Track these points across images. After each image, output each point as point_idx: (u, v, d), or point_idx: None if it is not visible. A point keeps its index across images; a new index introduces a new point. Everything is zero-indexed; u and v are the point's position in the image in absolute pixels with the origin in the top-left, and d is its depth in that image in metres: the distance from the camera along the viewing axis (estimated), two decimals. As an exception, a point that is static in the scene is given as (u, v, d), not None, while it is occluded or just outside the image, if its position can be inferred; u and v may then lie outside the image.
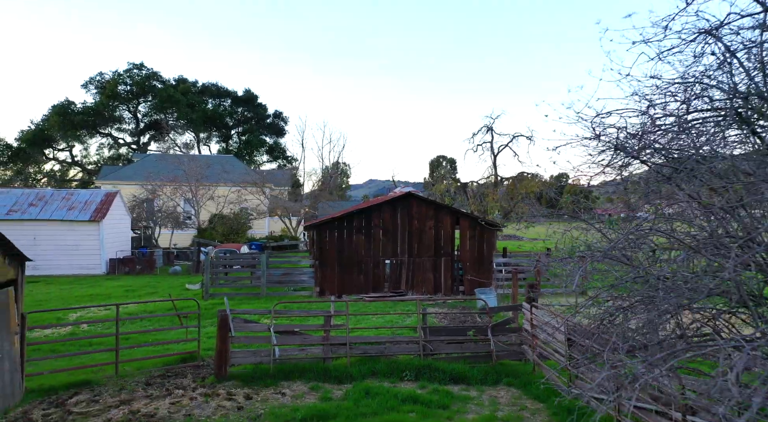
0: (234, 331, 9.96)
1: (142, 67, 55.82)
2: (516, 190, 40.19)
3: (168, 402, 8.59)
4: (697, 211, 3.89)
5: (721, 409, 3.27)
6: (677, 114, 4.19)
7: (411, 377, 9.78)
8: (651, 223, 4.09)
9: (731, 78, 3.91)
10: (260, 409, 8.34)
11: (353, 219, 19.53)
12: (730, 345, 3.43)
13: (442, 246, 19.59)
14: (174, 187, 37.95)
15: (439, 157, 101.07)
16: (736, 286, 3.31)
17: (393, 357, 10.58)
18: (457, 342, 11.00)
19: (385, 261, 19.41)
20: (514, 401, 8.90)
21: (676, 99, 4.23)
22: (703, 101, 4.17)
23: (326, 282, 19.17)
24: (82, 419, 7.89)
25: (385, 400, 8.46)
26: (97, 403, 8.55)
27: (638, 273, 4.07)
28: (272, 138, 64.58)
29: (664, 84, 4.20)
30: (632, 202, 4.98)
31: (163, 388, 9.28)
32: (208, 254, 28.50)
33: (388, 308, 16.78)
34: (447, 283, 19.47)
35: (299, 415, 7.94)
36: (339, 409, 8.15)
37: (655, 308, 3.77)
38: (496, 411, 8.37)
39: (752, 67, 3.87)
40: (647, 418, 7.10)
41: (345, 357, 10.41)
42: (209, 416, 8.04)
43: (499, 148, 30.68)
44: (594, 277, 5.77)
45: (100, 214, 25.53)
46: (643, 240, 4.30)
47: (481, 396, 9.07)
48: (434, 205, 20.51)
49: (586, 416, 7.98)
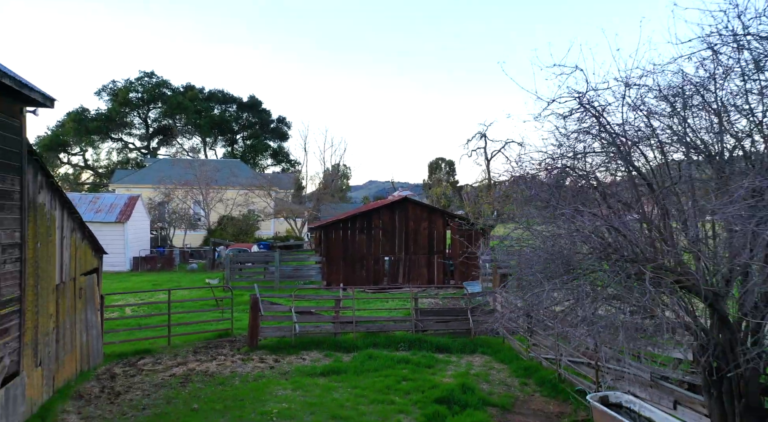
0: (263, 311, 12.42)
1: (152, 75, 58.50)
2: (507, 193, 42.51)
3: (215, 363, 11.05)
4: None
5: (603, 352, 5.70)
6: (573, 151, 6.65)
7: (405, 347, 12.22)
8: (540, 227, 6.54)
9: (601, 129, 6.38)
10: (287, 368, 10.79)
11: (356, 220, 21.99)
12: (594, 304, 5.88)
13: (435, 245, 22.06)
14: (185, 190, 40.39)
15: (438, 159, 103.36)
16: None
17: (390, 332, 13.02)
18: (443, 321, 13.46)
19: (385, 258, 21.87)
20: (485, 364, 11.36)
21: (573, 139, 6.70)
22: (586, 144, 6.64)
23: (332, 276, 21.63)
24: (152, 374, 10.34)
25: (383, 361, 10.91)
26: (160, 364, 11.01)
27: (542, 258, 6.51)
28: (276, 142, 67.13)
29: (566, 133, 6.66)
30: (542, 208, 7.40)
31: (208, 354, 11.73)
32: (220, 253, 31.02)
33: (387, 297, 19.24)
34: (439, 277, 21.95)
35: (318, 371, 10.41)
36: (348, 367, 10.62)
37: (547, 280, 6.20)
38: (470, 370, 10.82)
39: (613, 122, 6.33)
40: (577, 369, 9.58)
41: (351, 333, 12.87)
42: (249, 372, 10.49)
43: (493, 153, 33.02)
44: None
45: (125, 216, 27.96)
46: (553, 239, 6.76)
47: (459, 361, 11.52)
48: (428, 208, 22.99)
49: (537, 372, 10.47)
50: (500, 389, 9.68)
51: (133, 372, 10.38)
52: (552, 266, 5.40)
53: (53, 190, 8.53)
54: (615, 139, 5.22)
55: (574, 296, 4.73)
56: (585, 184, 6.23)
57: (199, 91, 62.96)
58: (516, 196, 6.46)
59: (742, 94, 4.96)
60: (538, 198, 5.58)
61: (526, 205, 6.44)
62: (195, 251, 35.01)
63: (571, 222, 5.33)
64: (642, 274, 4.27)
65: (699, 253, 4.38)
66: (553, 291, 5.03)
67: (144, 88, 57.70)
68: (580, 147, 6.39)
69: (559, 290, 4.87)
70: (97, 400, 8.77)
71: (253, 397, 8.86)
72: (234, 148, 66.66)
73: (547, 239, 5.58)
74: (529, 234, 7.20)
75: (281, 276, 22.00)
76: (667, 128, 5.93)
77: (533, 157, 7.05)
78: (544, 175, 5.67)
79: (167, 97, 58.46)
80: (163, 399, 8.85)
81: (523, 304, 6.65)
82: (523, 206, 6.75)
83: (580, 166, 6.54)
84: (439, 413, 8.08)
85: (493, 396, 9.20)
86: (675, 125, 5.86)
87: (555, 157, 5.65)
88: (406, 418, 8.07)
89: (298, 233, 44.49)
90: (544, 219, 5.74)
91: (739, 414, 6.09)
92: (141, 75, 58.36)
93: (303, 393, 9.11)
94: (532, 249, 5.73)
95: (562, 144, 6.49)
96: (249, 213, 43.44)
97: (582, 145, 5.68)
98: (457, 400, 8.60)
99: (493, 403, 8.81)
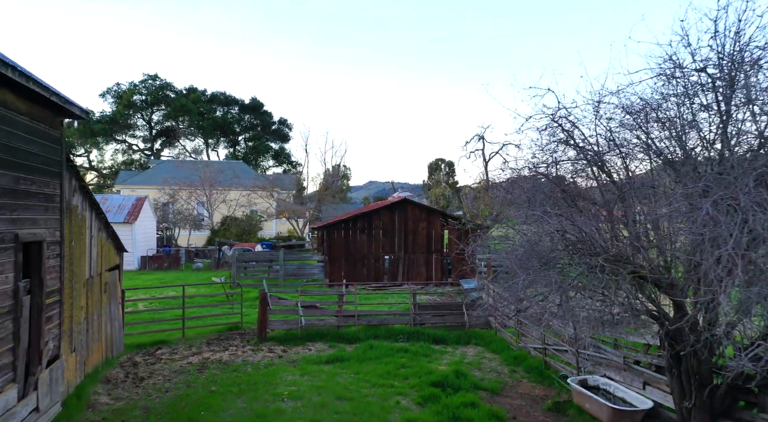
0: (271, 305, 13.30)
1: (156, 78, 59.43)
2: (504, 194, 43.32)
3: (227, 353, 11.92)
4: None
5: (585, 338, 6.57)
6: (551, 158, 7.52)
7: (404, 339, 13.08)
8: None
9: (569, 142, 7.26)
10: (295, 357, 11.66)
11: (357, 220, 22.87)
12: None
13: (433, 244, 22.94)
14: (190, 191, 41.30)
15: (437, 160, 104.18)
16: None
17: (390, 325, 13.90)
18: (440, 315, 14.34)
19: (385, 257, 22.75)
20: (478, 353, 12.23)
21: (549, 150, 7.57)
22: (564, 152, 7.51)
23: (334, 274, 22.51)
24: (170, 362, 11.21)
25: (384, 351, 11.78)
26: (176, 354, 11.88)
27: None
28: (277, 144, 68.01)
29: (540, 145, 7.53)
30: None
31: (220, 345, 12.61)
32: (224, 252, 31.89)
33: (387, 294, 20.13)
34: (437, 275, 22.83)
35: (323, 359, 11.28)
36: (351, 356, 11.49)
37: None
38: (463, 359, 11.69)
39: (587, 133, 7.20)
40: (561, 356, 10.45)
41: (354, 326, 13.74)
42: (260, 360, 11.36)
43: (491, 155, 33.88)
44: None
45: (133, 217, 28.85)
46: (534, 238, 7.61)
47: (454, 351, 12.39)
48: (426, 209, 23.87)
49: (525, 360, 11.34)
50: (491, 375, 10.55)
51: (153, 361, 11.25)
52: (529, 260, 6.28)
53: (84, 193, 9.40)
54: (583, 151, 6.09)
55: (544, 285, 5.59)
56: (556, 188, 7.13)
57: (202, 93, 63.88)
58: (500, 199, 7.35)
59: (688, 112, 5.83)
60: (516, 201, 6.44)
61: (507, 207, 7.31)
62: (200, 251, 35.87)
63: (540, 222, 6.22)
64: (600, 265, 5.14)
65: (640, 247, 5.24)
66: (529, 281, 5.89)
67: (148, 91, 58.63)
68: (557, 155, 7.28)
69: (533, 280, 5.73)
70: (123, 384, 9.65)
71: (265, 381, 9.73)
72: (236, 150, 67.57)
73: (524, 237, 6.45)
74: (512, 232, 8.08)
75: (285, 275, 22.87)
76: (633, 139, 6.82)
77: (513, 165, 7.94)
78: (522, 180, 6.54)
79: (171, 99, 59.39)
80: (183, 383, 9.73)
81: (502, 291, 7.52)
82: (505, 208, 7.63)
83: (554, 172, 7.43)
84: (434, 395, 8.95)
85: (484, 381, 10.07)
86: (640, 137, 6.75)
87: (531, 166, 6.52)
88: (404, 399, 8.93)
89: (300, 233, 45.35)
90: (522, 220, 6.61)
91: (695, 390, 6.97)
92: (145, 78, 59.40)
93: (310, 378, 9.98)
94: (512, 245, 6.60)
95: (536, 155, 7.38)
96: (252, 214, 44.31)
97: (555, 155, 6.54)
98: (450, 384, 9.48)
99: (483, 387, 9.67)
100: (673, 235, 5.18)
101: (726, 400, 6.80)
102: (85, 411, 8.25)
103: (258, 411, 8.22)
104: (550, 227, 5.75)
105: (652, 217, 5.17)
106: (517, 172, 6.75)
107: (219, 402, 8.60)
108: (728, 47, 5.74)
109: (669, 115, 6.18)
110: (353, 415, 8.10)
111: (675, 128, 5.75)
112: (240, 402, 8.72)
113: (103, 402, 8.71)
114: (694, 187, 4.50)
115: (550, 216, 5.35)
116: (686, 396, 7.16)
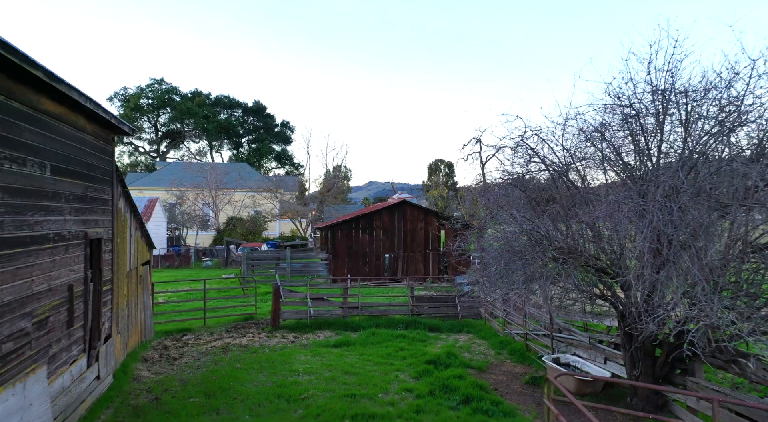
0: (284, 297, 14.79)
1: (162, 82, 60.98)
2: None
3: (246, 339, 13.41)
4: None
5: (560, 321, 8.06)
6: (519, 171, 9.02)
7: (402, 327, 14.57)
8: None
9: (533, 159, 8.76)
10: (305, 342, 13.15)
11: (359, 221, 24.36)
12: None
13: (430, 243, 24.43)
14: (196, 193, 42.82)
15: (437, 161, 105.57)
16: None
17: (390, 316, 15.38)
18: (435, 306, 15.83)
19: (385, 254, 24.24)
20: (468, 340, 13.71)
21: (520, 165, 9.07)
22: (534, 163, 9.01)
23: (338, 271, 24.00)
24: (196, 346, 12.70)
25: (384, 337, 13.27)
26: (200, 339, 13.37)
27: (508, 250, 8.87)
28: (280, 146, 69.58)
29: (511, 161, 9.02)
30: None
31: (238, 333, 14.09)
32: (230, 251, 33.36)
33: (388, 290, 21.62)
34: (434, 271, 24.32)
35: (331, 343, 12.77)
36: (356, 341, 12.97)
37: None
38: (455, 344, 13.17)
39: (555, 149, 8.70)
40: (541, 340, 11.94)
41: (357, 316, 15.23)
42: (275, 344, 12.85)
43: (487, 158, 35.37)
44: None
45: (146, 217, 30.32)
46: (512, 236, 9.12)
47: (448, 338, 13.88)
48: (424, 210, 25.37)
49: (510, 344, 12.82)
50: (478, 357, 12.04)
51: (181, 345, 12.75)
52: (503, 254, 7.79)
53: (126, 197, 10.89)
54: (545, 164, 7.59)
55: (512, 272, 7.08)
56: (523, 195, 8.63)
57: (206, 96, 65.43)
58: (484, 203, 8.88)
59: (627, 135, 7.32)
60: (488, 205, 7.94)
61: (487, 210, 8.82)
62: (207, 250, 37.39)
63: (511, 223, 7.72)
64: (553, 257, 6.63)
65: (585, 241, 6.73)
66: (501, 270, 7.39)
67: (154, 94, 60.22)
68: (529, 167, 8.78)
69: (504, 269, 7.23)
70: (159, 363, 11.14)
71: (281, 360, 11.22)
72: (239, 152, 69.11)
73: (501, 234, 7.95)
74: (493, 231, 9.57)
75: (292, 272, 24.36)
76: (590, 154, 8.33)
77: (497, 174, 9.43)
78: (497, 189, 8.04)
79: (176, 103, 60.97)
80: (211, 362, 11.21)
81: (481, 278, 9.02)
82: (490, 210, 9.15)
83: (528, 179, 8.93)
84: (427, 370, 10.43)
85: (472, 361, 11.55)
86: (595, 153, 8.25)
87: (503, 177, 8.03)
88: (402, 374, 10.41)
89: (303, 233, 46.84)
90: (502, 220, 8.12)
91: (641, 361, 8.48)
92: (151, 82, 60.99)
93: (320, 359, 11.47)
94: (488, 242, 8.11)
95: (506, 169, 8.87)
96: (256, 215, 45.83)
97: (527, 167, 8.05)
98: (442, 363, 10.96)
99: (471, 366, 11.15)
100: (602, 233, 6.67)
101: (665, 368, 8.31)
102: (131, 382, 9.74)
103: (278, 383, 9.70)
104: (517, 227, 7.24)
105: (591, 218, 6.65)
106: (493, 181, 8.21)
107: (244, 376, 10.08)
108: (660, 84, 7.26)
109: (614, 135, 7.69)
110: (359, 386, 9.58)
111: (615, 148, 7.24)
112: (261, 376, 10.20)
113: (145, 376, 10.20)
114: (620, 196, 5.98)
115: (515, 219, 6.83)
116: (635, 367, 8.69)
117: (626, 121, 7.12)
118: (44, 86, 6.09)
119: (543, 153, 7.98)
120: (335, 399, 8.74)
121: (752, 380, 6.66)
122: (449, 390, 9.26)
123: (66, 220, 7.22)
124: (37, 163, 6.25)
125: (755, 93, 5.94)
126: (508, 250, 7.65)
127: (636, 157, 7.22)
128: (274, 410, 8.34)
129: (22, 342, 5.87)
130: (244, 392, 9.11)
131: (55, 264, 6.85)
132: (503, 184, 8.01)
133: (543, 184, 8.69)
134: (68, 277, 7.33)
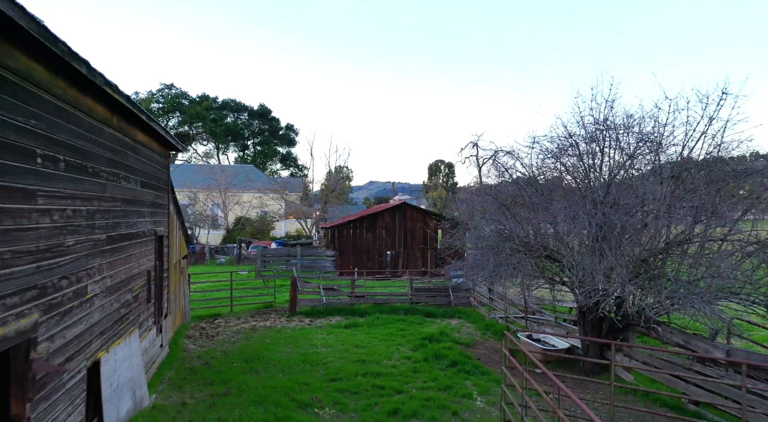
0: (300, 287, 17.05)
1: (171, 87, 63.35)
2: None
3: (269, 322, 15.68)
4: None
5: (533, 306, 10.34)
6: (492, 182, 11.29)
7: (403, 313, 16.84)
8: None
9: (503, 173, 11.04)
10: (320, 324, 15.43)
11: (363, 221, 26.64)
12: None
13: (428, 241, 26.70)
14: (207, 194, 45.11)
15: (437, 161, 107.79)
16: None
17: (392, 304, 17.65)
18: (431, 296, 18.10)
19: (387, 252, 26.50)
20: (459, 323, 15.98)
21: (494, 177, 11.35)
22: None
23: (344, 266, 26.27)
24: (228, 327, 14.97)
25: (387, 320, 15.55)
26: (230, 322, 15.65)
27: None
28: (284, 148, 71.90)
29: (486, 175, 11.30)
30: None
31: (261, 317, 16.37)
32: (240, 249, 35.59)
33: (390, 282, 23.92)
34: (431, 266, 26.59)
35: (342, 325, 15.06)
36: (363, 323, 15.26)
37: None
38: (448, 326, 15.44)
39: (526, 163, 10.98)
40: (519, 321, 14.21)
41: (364, 304, 17.50)
42: (295, 325, 15.12)
43: (483, 161, 37.71)
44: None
45: (164, 217, 32.54)
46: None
47: (441, 321, 16.15)
48: (423, 211, 27.65)
49: (493, 326, 15.10)
50: (466, 336, 14.30)
51: (214, 326, 15.03)
52: (480, 248, 10.06)
53: (174, 200, 13.16)
54: (512, 177, 9.86)
55: (485, 261, 9.35)
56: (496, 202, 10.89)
57: (214, 100, 67.74)
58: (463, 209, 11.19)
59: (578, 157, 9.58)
60: (468, 210, 10.21)
61: (469, 213, 11.11)
62: (220, 248, 39.63)
63: (488, 223, 9.99)
64: (515, 249, 8.88)
65: (531, 239, 8.99)
66: (477, 260, 9.66)
67: (165, 99, 62.56)
68: (502, 179, 11.05)
69: (479, 259, 9.49)
70: (200, 339, 13.41)
71: (302, 337, 13.50)
72: (245, 154, 71.42)
73: (482, 232, 10.23)
74: (473, 231, 11.79)
75: (301, 267, 26.63)
76: (551, 168, 10.59)
77: (486, 180, 11.67)
78: (475, 197, 10.33)
79: (185, 107, 63.30)
80: (243, 338, 13.49)
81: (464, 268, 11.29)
82: (468, 214, 11.44)
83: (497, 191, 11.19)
84: (423, 344, 12.70)
85: (461, 339, 13.80)
86: (556, 167, 10.50)
87: (483, 188, 10.28)
88: (402, 347, 12.68)
89: (308, 232, 49.10)
90: (485, 222, 10.39)
91: (589, 332, 10.73)
92: (162, 87, 63.38)
93: (334, 336, 13.74)
94: (472, 240, 10.38)
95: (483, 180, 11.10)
96: (264, 215, 48.13)
97: (498, 180, 10.32)
98: (436, 339, 13.22)
99: (460, 342, 13.41)
100: (547, 231, 8.94)
101: (608, 336, 10.58)
102: (182, 352, 12.01)
103: (301, 353, 11.98)
104: (492, 226, 9.51)
105: (538, 221, 8.92)
106: (472, 189, 10.47)
107: (273, 347, 12.36)
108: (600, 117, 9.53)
109: (572, 153, 9.96)
110: (367, 355, 11.85)
111: (568, 167, 9.51)
112: (287, 348, 12.47)
113: (191, 348, 12.47)
114: (559, 204, 8.25)
115: (488, 221, 9.10)
116: (586, 334, 10.95)
117: (574, 146, 9.39)
118: (144, 126, 8.35)
119: (515, 167, 10.26)
120: (349, 363, 11.03)
121: (663, 341, 8.93)
122: (440, 357, 11.54)
123: (146, 221, 9.49)
124: (134, 180, 8.52)
125: (660, 130, 8.20)
126: (483, 246, 9.92)
127: (580, 174, 9.49)
128: (301, 371, 10.61)
129: (128, 309, 8.15)
130: (275, 359, 11.39)
131: (142, 254, 9.12)
132: (480, 193, 10.30)
133: (511, 192, 10.98)
134: (147, 265, 9.61)
